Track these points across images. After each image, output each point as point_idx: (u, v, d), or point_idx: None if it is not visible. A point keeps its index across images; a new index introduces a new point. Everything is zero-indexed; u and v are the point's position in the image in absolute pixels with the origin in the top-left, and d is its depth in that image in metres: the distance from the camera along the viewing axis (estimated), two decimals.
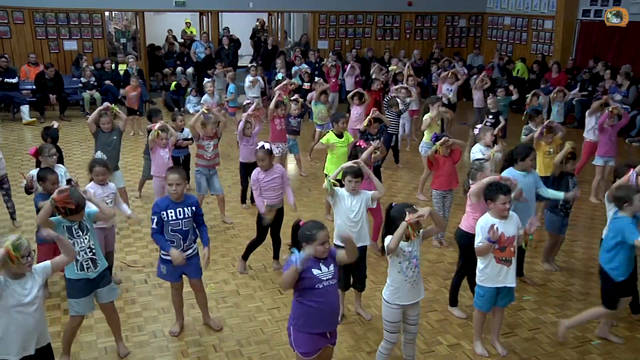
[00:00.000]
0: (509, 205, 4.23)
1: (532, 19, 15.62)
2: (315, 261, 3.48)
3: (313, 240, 3.43)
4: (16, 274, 3.28)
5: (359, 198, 4.76)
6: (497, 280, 4.27)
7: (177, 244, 4.44)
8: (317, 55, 14.80)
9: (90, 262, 4.12)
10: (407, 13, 16.67)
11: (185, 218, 4.44)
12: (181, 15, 17.33)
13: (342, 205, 4.76)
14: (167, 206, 4.40)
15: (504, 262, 4.23)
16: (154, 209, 4.44)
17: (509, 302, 4.46)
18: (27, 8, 13.55)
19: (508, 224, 4.23)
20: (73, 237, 4.03)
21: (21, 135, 11.12)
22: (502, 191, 4.21)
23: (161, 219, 4.39)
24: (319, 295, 3.48)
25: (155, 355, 4.47)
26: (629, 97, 11.68)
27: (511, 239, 4.22)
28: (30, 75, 12.75)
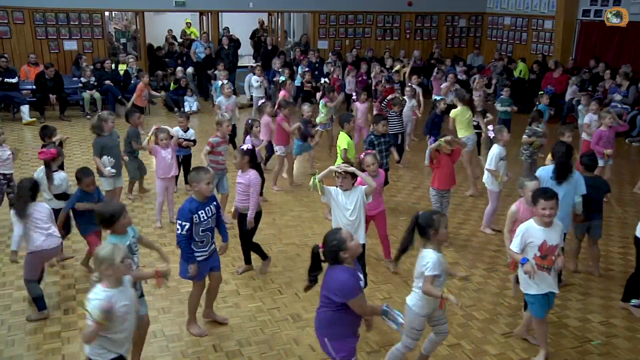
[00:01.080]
0: (551, 212, 4.03)
1: (532, 19, 15.63)
2: (356, 271, 3.49)
3: (343, 242, 3.37)
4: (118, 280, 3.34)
5: (353, 195, 4.76)
6: (545, 287, 4.20)
7: (206, 242, 4.52)
8: (317, 55, 14.81)
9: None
10: (407, 13, 16.68)
11: (212, 216, 4.53)
12: (181, 15, 17.35)
13: (337, 205, 4.77)
14: (197, 208, 4.40)
15: (544, 270, 4.15)
16: (185, 215, 4.34)
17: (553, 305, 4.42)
18: (27, 8, 13.56)
19: (551, 232, 4.11)
20: (132, 253, 4.02)
21: (21, 135, 11.11)
22: (544, 196, 4.06)
23: (192, 222, 4.38)
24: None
25: (155, 355, 4.47)
26: (629, 97, 11.68)
27: (553, 248, 4.10)
28: (30, 75, 12.74)
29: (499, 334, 4.80)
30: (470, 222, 7.21)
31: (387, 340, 4.68)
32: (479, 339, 4.74)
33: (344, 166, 4.76)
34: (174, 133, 6.99)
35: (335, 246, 3.38)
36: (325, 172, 4.80)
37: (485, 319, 5.04)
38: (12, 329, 4.76)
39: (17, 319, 4.89)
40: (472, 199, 7.99)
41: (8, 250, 6.15)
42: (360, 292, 3.40)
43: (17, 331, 4.72)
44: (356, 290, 3.38)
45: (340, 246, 3.37)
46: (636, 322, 5.04)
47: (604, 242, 6.58)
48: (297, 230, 6.85)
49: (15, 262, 5.01)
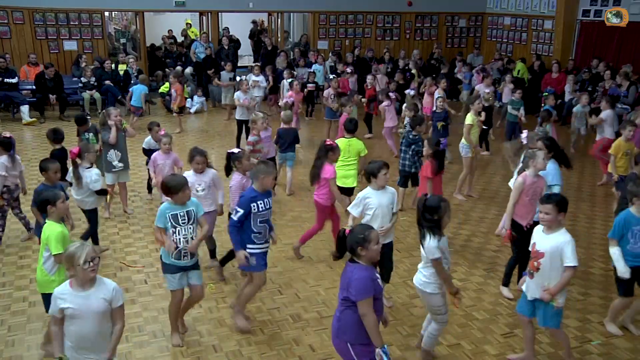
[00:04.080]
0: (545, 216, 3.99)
1: (532, 19, 15.62)
2: (373, 270, 3.45)
3: (368, 241, 3.35)
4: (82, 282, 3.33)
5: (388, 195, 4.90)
6: (526, 288, 4.24)
7: (263, 235, 4.60)
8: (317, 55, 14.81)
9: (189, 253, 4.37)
10: (407, 13, 16.67)
11: (269, 208, 4.60)
12: (181, 16, 17.35)
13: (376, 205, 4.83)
14: (256, 197, 4.51)
15: (528, 272, 4.19)
16: (243, 202, 4.50)
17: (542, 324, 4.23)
18: (27, 8, 13.55)
19: (545, 238, 4.06)
20: (178, 225, 4.28)
21: (21, 135, 11.11)
22: (540, 200, 4.14)
23: (250, 211, 4.48)
24: (380, 304, 3.45)
25: (155, 355, 4.47)
26: (629, 97, 11.66)
27: (539, 254, 4.05)
28: (30, 76, 12.74)
29: (498, 334, 4.80)
30: (470, 222, 7.22)
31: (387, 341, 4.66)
32: (478, 339, 4.74)
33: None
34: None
35: (360, 240, 3.35)
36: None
37: (485, 319, 5.04)
38: (12, 329, 4.75)
39: (17, 319, 4.89)
40: (472, 199, 7.99)
41: (8, 250, 6.17)
42: (371, 295, 3.34)
43: (17, 331, 4.72)
44: (369, 291, 3.33)
45: (362, 242, 3.35)
46: (635, 322, 5.04)
47: (603, 243, 6.59)
48: (297, 230, 6.84)
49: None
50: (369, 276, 3.35)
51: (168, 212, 4.30)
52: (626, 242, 4.53)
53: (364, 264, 3.39)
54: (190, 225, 4.34)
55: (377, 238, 3.40)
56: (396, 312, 5.13)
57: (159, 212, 4.34)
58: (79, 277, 3.29)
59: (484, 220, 7.29)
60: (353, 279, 3.34)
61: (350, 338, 3.44)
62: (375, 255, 3.42)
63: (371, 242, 3.36)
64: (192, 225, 4.35)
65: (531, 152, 5.18)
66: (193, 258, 4.43)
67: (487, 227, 7.07)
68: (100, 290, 3.34)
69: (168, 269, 4.42)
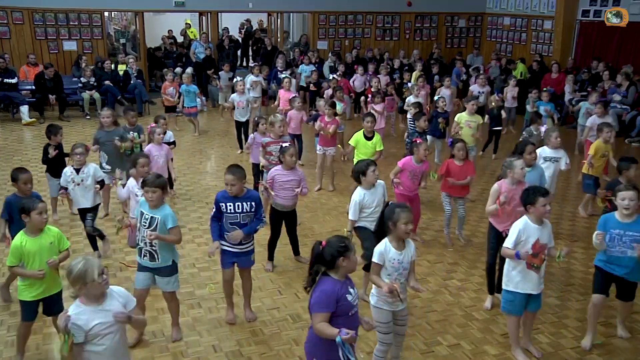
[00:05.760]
0: (550, 208, 4.18)
1: (532, 19, 15.62)
2: (345, 285, 3.29)
3: (349, 250, 3.26)
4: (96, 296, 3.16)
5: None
6: (524, 287, 4.25)
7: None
8: (317, 55, 14.81)
9: (148, 254, 4.36)
10: (407, 13, 16.67)
11: (243, 212, 4.59)
12: (181, 16, 17.34)
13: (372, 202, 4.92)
14: (226, 198, 4.59)
15: (533, 269, 4.20)
16: (215, 200, 4.67)
17: (539, 307, 4.43)
18: (26, 8, 13.54)
19: (544, 231, 4.20)
20: (140, 224, 4.33)
21: (21, 135, 11.11)
22: (541, 193, 4.16)
23: (220, 209, 4.60)
24: (351, 322, 3.27)
25: (155, 356, 4.47)
26: (628, 98, 11.67)
27: (544, 246, 4.19)
28: (30, 76, 12.74)
29: (498, 334, 4.80)
30: (470, 222, 7.22)
31: None
32: (478, 339, 4.74)
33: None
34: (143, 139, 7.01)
35: (342, 249, 3.23)
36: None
37: (485, 319, 5.04)
38: (12, 329, 4.75)
39: (17, 319, 4.87)
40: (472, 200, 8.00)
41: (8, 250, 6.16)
42: (328, 311, 3.17)
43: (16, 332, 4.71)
44: (328, 306, 3.17)
45: (344, 252, 3.23)
46: (635, 322, 5.04)
47: None
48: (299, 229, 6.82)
49: None
50: (335, 292, 3.19)
51: (141, 207, 4.39)
52: None
53: (337, 278, 3.25)
54: (151, 232, 4.27)
55: (354, 248, 3.32)
56: None
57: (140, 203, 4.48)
58: (94, 292, 3.10)
59: (484, 220, 7.27)
60: (318, 289, 3.23)
61: (316, 353, 3.33)
62: (354, 266, 3.31)
63: (351, 250, 3.27)
64: (152, 232, 4.27)
65: (509, 161, 5.02)
66: (154, 262, 4.35)
67: (487, 227, 7.05)
68: (114, 299, 3.21)
69: (138, 266, 4.50)
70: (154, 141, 6.86)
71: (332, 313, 3.20)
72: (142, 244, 4.36)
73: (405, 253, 3.84)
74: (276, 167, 5.69)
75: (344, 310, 3.23)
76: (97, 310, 3.12)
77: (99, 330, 3.10)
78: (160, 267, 4.41)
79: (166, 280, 4.46)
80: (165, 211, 4.34)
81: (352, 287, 3.33)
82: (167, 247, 4.39)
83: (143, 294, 4.50)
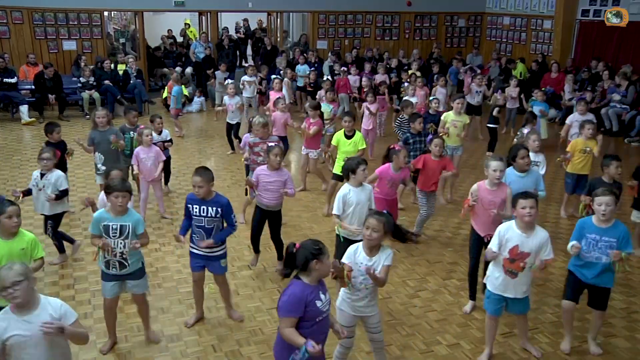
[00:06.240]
0: (531, 210, 4.00)
1: (532, 18, 15.63)
2: (316, 290, 3.22)
3: (323, 254, 3.20)
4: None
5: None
6: (499, 288, 4.23)
7: (200, 239, 4.60)
8: (316, 55, 14.81)
9: (118, 264, 4.24)
10: (407, 13, 16.68)
11: (208, 216, 4.53)
12: (180, 16, 17.34)
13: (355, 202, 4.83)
14: (193, 200, 4.57)
15: (509, 274, 4.16)
16: (186, 198, 4.66)
17: (522, 311, 4.37)
18: (26, 8, 13.54)
19: (528, 239, 4.06)
20: (109, 237, 4.16)
21: (20, 135, 11.11)
22: (523, 195, 4.07)
23: (189, 209, 4.59)
24: (318, 327, 3.23)
25: (154, 355, 4.47)
26: (628, 97, 11.68)
27: (524, 255, 4.06)
28: (29, 75, 12.73)
29: (498, 334, 4.79)
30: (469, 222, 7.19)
31: (386, 341, 4.67)
32: (478, 338, 4.74)
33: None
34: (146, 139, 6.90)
35: (315, 252, 3.17)
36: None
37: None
38: None
39: None
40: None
41: None
42: (295, 316, 3.13)
43: None
44: (295, 311, 3.12)
45: (318, 255, 3.17)
46: (635, 322, 5.05)
47: None
48: (296, 230, 6.85)
49: None
50: (304, 297, 3.13)
51: (101, 222, 4.18)
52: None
53: (309, 282, 3.19)
54: (123, 241, 4.17)
55: (328, 252, 3.25)
56: (395, 312, 5.14)
57: (93, 219, 4.24)
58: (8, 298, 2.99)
59: None
60: (288, 293, 3.18)
61: (281, 354, 3.29)
62: (327, 270, 3.26)
63: (325, 254, 3.20)
64: (124, 240, 4.17)
65: (486, 161, 4.88)
66: (124, 269, 4.27)
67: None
68: (45, 312, 3.05)
69: (103, 276, 4.36)
70: (143, 143, 6.76)
71: (300, 318, 3.16)
72: (110, 256, 4.21)
73: (376, 260, 3.72)
74: (262, 167, 5.58)
75: (312, 315, 3.18)
76: (20, 320, 3.00)
77: (16, 342, 2.98)
78: (132, 272, 4.33)
79: (138, 283, 4.40)
80: (134, 216, 4.25)
81: (323, 293, 3.26)
82: (135, 252, 4.30)
83: (114, 304, 4.42)
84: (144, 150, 6.75)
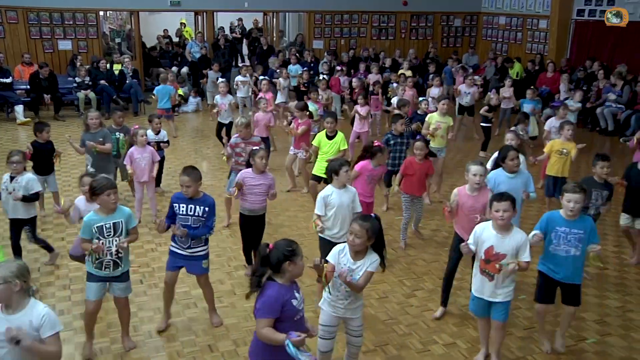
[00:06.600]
0: (504, 214, 3.93)
1: (527, 18, 15.67)
2: (291, 290, 3.21)
3: (296, 255, 3.17)
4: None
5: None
6: (478, 290, 4.19)
7: (184, 240, 4.54)
8: (312, 55, 14.81)
9: (112, 263, 4.19)
10: (403, 13, 16.69)
11: (195, 215, 4.50)
12: (176, 15, 17.31)
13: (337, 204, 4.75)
14: (180, 199, 4.54)
15: (485, 275, 4.10)
16: (171, 198, 4.63)
17: (497, 318, 4.19)
18: (20, 7, 13.50)
19: (504, 240, 4.00)
20: (103, 237, 4.10)
21: (15, 135, 11.07)
22: (497, 198, 4.01)
23: (173, 209, 4.55)
24: (296, 327, 3.19)
25: (150, 356, 4.46)
26: (623, 97, 11.72)
27: (499, 256, 3.99)
28: (25, 75, 12.69)
29: None
30: None
31: (383, 340, 4.69)
32: (474, 338, 4.74)
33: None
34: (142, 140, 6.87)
35: (288, 253, 3.15)
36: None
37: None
38: None
39: None
40: None
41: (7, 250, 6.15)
42: (272, 317, 3.11)
43: None
44: (272, 312, 3.11)
45: (291, 256, 3.14)
46: (629, 321, 5.06)
47: None
48: (293, 230, 6.84)
49: None
50: (280, 297, 3.12)
51: (94, 224, 4.11)
52: (549, 242, 4.30)
53: (283, 283, 3.18)
54: (117, 238, 4.15)
55: (301, 253, 3.22)
56: (392, 311, 5.14)
57: (84, 223, 4.15)
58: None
59: None
60: (264, 295, 3.15)
61: (256, 356, 3.27)
62: (300, 271, 3.22)
63: (298, 255, 3.17)
64: (118, 237, 4.16)
65: (467, 165, 4.82)
66: (117, 269, 4.24)
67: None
68: (27, 316, 3.00)
69: (89, 277, 4.27)
70: (137, 143, 6.72)
71: (277, 318, 3.15)
72: (106, 256, 4.16)
73: (360, 265, 3.68)
74: (247, 170, 5.48)
75: (289, 315, 3.18)
76: (3, 318, 2.99)
77: None
78: (120, 274, 4.29)
79: (124, 286, 4.35)
80: (124, 212, 4.23)
81: (297, 292, 3.26)
82: (126, 252, 4.29)
83: (98, 307, 4.35)
84: (138, 150, 6.71)
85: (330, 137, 7.06)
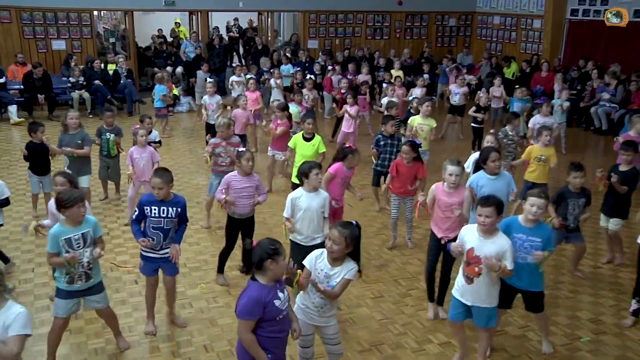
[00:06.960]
0: (486, 219, 3.86)
1: (521, 18, 15.72)
2: (274, 289, 3.21)
3: (278, 254, 3.17)
4: None
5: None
6: (458, 292, 4.13)
7: (157, 242, 4.47)
8: (307, 54, 14.80)
9: (84, 275, 4.09)
10: (397, 12, 16.71)
11: (167, 217, 4.45)
12: (170, 15, 17.27)
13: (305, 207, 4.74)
14: (151, 202, 4.44)
15: (466, 278, 4.06)
16: (139, 200, 4.50)
17: (481, 324, 4.12)
18: (14, 7, 13.42)
19: (486, 244, 3.92)
20: (72, 249, 3.97)
21: (9, 135, 11.02)
22: (481, 202, 3.93)
23: (143, 212, 4.44)
24: (279, 326, 3.22)
25: (145, 356, 4.45)
26: (617, 96, 11.77)
27: (479, 260, 3.91)
28: (18, 75, 12.63)
29: None
30: None
31: (378, 340, 4.69)
32: (470, 337, 4.73)
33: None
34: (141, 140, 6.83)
35: (271, 252, 3.15)
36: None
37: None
38: None
39: None
40: None
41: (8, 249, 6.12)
42: (253, 319, 3.13)
43: None
44: (252, 314, 3.12)
45: (273, 255, 3.15)
46: (624, 319, 5.08)
47: (592, 241, 6.64)
48: None
49: None
50: (261, 298, 3.12)
51: (62, 236, 3.96)
52: None
53: (265, 283, 3.18)
54: (87, 249, 4.03)
55: (284, 253, 3.23)
56: (387, 311, 5.14)
57: (51, 236, 3.97)
58: None
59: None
60: (245, 295, 3.16)
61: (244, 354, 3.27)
62: (282, 271, 3.22)
63: (281, 255, 3.18)
64: (88, 249, 4.03)
65: (444, 164, 4.77)
66: (89, 281, 4.11)
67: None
68: (3, 315, 2.98)
69: (58, 293, 4.12)
70: (138, 143, 6.68)
71: (259, 318, 3.16)
72: (77, 269, 4.02)
73: (337, 271, 3.62)
74: (232, 173, 5.38)
75: (272, 315, 3.19)
76: None
77: None
78: (93, 286, 4.17)
79: (99, 297, 4.23)
80: (90, 221, 4.11)
81: (281, 291, 3.25)
82: (97, 263, 4.18)
83: (66, 325, 4.25)
84: (137, 150, 6.67)
85: (308, 139, 6.80)
